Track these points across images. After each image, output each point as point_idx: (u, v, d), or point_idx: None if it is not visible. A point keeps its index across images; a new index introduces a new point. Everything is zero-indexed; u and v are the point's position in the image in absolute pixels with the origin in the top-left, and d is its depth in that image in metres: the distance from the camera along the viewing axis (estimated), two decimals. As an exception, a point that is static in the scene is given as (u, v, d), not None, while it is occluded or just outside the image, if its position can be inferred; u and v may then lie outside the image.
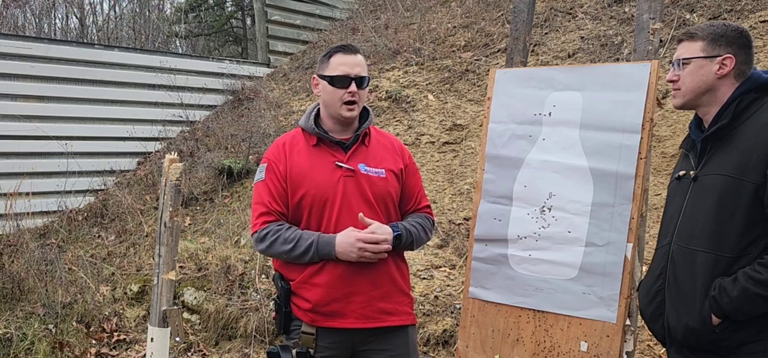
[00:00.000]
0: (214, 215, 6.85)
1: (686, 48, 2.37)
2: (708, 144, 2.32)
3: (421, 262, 5.29)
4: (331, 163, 2.73)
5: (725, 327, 2.20)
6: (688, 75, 2.34)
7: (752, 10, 6.44)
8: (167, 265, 3.30)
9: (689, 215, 2.30)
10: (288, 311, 2.74)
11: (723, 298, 2.16)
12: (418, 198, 2.94)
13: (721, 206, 2.20)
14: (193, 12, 13.22)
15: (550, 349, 3.06)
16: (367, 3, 10.81)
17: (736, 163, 2.20)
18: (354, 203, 2.70)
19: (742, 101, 2.27)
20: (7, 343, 5.13)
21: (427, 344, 4.70)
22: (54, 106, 7.72)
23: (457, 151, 6.61)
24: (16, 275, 5.73)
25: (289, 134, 2.87)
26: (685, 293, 2.27)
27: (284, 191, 2.73)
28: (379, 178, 2.77)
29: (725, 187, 2.20)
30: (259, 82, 9.19)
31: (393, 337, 2.77)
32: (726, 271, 2.20)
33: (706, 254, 2.22)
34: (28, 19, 14.03)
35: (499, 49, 7.59)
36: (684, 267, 2.28)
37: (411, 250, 2.93)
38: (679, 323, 2.29)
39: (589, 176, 3.01)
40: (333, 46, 2.82)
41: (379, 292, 2.72)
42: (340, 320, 2.69)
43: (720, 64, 2.29)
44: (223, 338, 5.40)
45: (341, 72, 2.71)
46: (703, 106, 2.35)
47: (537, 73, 3.36)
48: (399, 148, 2.92)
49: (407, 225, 2.81)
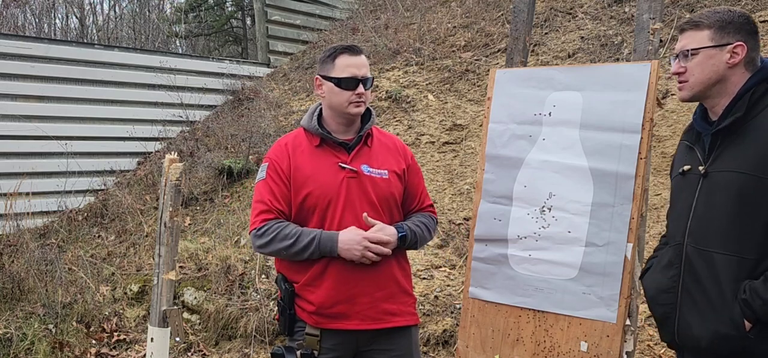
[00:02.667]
0: (214, 215, 6.85)
1: (691, 37, 2.24)
2: (718, 138, 2.21)
3: (421, 262, 5.29)
4: (335, 164, 2.73)
5: (758, 332, 2.09)
6: (697, 66, 2.21)
7: (752, 10, 6.44)
8: (167, 265, 3.30)
9: (702, 214, 2.20)
10: (292, 313, 2.74)
11: (755, 300, 2.06)
12: (422, 198, 2.94)
13: (741, 206, 2.10)
14: (193, 12, 13.22)
15: (550, 349, 3.06)
16: (367, 3, 10.80)
17: (754, 160, 2.10)
18: (357, 204, 2.70)
19: (755, 92, 2.16)
20: (7, 343, 5.13)
21: (427, 344, 4.70)
22: (54, 106, 7.72)
23: (457, 151, 6.61)
24: (16, 275, 5.72)
25: (292, 134, 2.85)
26: (711, 298, 2.16)
27: (287, 190, 2.72)
28: (382, 179, 2.76)
29: (744, 185, 2.10)
30: (259, 82, 9.19)
31: (397, 337, 2.77)
32: (751, 273, 2.10)
33: (726, 257, 2.12)
34: (28, 19, 14.04)
35: (499, 49, 7.59)
36: (704, 271, 2.18)
37: (414, 249, 2.93)
38: (707, 330, 2.17)
39: (589, 176, 3.01)
40: (336, 47, 2.80)
41: (383, 293, 2.71)
42: (345, 321, 2.69)
43: (731, 52, 2.18)
44: (223, 338, 5.39)
45: (349, 74, 2.71)
46: (712, 97, 2.23)
47: (537, 73, 3.36)
48: (401, 149, 2.92)
49: (411, 225, 2.81)
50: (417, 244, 2.85)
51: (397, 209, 2.82)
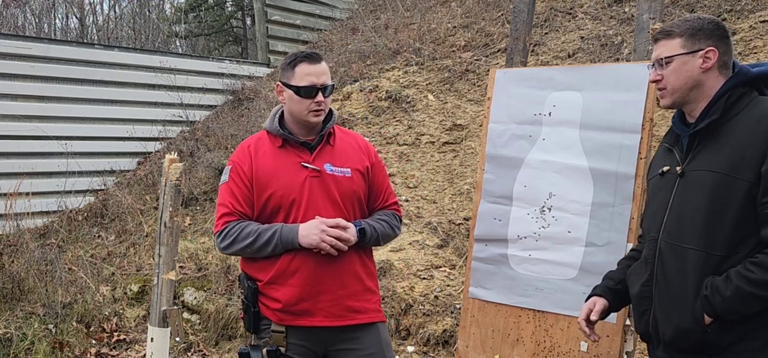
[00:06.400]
0: (214, 215, 6.85)
1: (665, 46, 2.33)
2: (695, 139, 2.29)
3: (421, 262, 5.29)
4: (297, 163, 2.76)
5: (717, 327, 2.17)
6: (672, 73, 2.30)
7: (752, 10, 6.44)
8: (167, 265, 3.30)
9: (677, 211, 2.27)
10: (256, 310, 2.77)
11: (715, 297, 2.14)
12: (386, 195, 2.95)
13: (712, 204, 2.18)
14: (193, 12, 13.23)
15: (550, 349, 3.06)
16: (367, 3, 10.81)
17: (727, 161, 2.17)
18: (320, 202, 2.73)
19: (731, 96, 2.24)
20: (7, 343, 5.13)
21: (427, 344, 4.70)
22: (54, 106, 7.72)
23: (457, 151, 6.61)
24: (16, 275, 5.72)
25: (255, 137, 2.89)
26: (675, 292, 2.25)
27: (249, 193, 2.76)
28: (344, 177, 2.80)
29: (717, 184, 2.17)
30: (259, 82, 9.19)
31: (364, 335, 2.79)
32: (716, 269, 2.17)
33: (697, 252, 2.20)
34: (28, 19, 14.04)
35: (499, 49, 7.59)
36: (674, 265, 2.26)
37: (378, 246, 2.96)
38: (670, 323, 2.26)
39: (589, 176, 3.01)
40: (297, 54, 2.83)
41: (345, 291, 2.75)
42: (309, 318, 2.72)
43: (703, 57, 2.27)
44: (223, 338, 5.40)
45: (308, 82, 2.73)
46: (690, 102, 2.31)
47: (537, 73, 3.37)
48: (364, 147, 2.94)
49: (371, 222, 2.84)
50: (379, 240, 2.87)
51: (360, 207, 2.85)
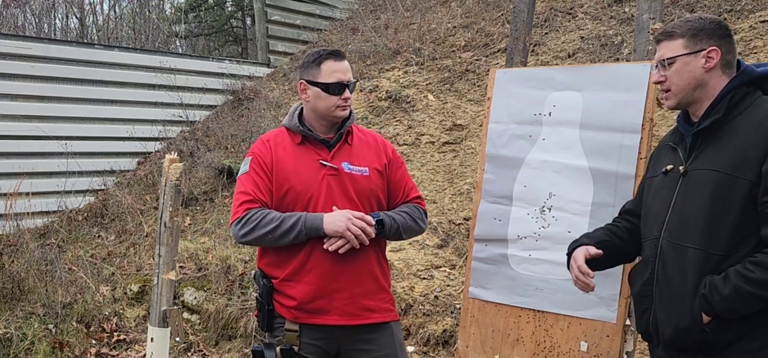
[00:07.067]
0: (214, 215, 6.85)
1: (667, 47, 2.33)
2: (699, 138, 2.29)
3: (421, 262, 5.29)
4: (316, 161, 2.77)
5: (715, 326, 2.17)
6: (675, 74, 2.30)
7: (752, 10, 6.44)
8: (167, 265, 3.30)
9: (680, 210, 2.27)
10: (271, 308, 2.77)
11: (714, 296, 2.14)
12: (406, 190, 2.94)
13: (714, 203, 2.18)
14: (193, 12, 13.23)
15: (550, 349, 3.06)
16: (367, 3, 10.81)
17: (729, 160, 2.17)
18: (337, 200, 2.73)
19: (734, 95, 2.24)
20: (7, 343, 5.13)
21: (427, 344, 4.70)
22: (54, 106, 7.72)
23: (457, 151, 6.61)
24: (16, 275, 5.72)
25: (273, 132, 2.90)
26: (675, 291, 2.24)
27: (269, 183, 2.76)
28: (362, 176, 2.80)
29: (719, 183, 2.17)
30: (259, 82, 9.19)
31: (378, 335, 2.79)
32: (715, 268, 2.17)
33: (697, 251, 2.19)
34: (28, 19, 14.04)
35: (499, 49, 7.59)
36: (674, 264, 2.25)
37: (400, 239, 2.93)
38: (669, 322, 2.26)
39: (589, 176, 3.01)
40: (320, 51, 2.84)
41: (361, 289, 2.74)
42: (324, 317, 2.72)
43: (706, 57, 2.26)
44: (223, 338, 5.40)
45: (335, 79, 2.76)
46: (695, 102, 2.31)
47: (537, 73, 3.37)
48: (382, 145, 2.95)
49: (391, 213, 2.83)
50: (400, 231, 2.84)
51: (379, 206, 2.85)
